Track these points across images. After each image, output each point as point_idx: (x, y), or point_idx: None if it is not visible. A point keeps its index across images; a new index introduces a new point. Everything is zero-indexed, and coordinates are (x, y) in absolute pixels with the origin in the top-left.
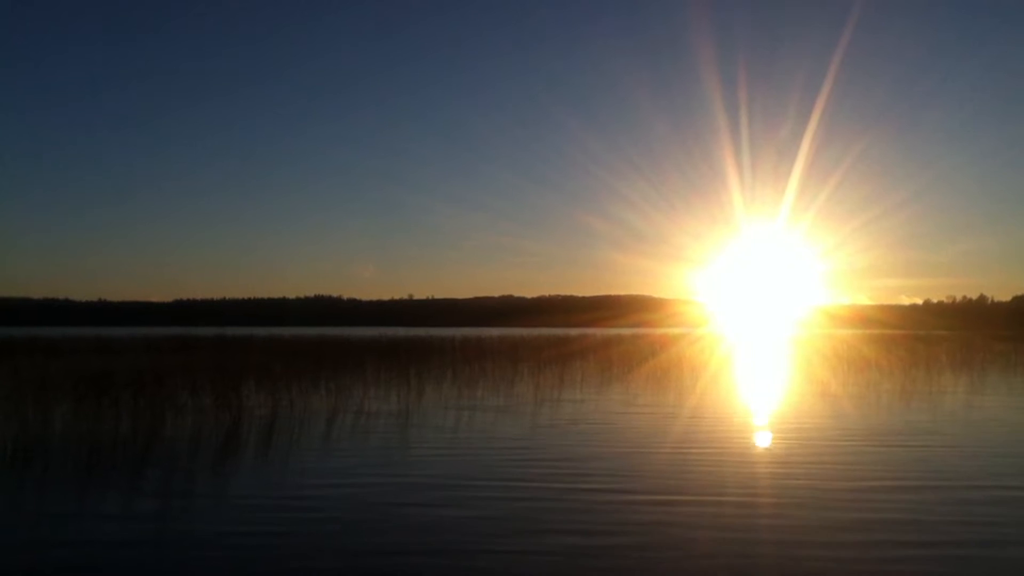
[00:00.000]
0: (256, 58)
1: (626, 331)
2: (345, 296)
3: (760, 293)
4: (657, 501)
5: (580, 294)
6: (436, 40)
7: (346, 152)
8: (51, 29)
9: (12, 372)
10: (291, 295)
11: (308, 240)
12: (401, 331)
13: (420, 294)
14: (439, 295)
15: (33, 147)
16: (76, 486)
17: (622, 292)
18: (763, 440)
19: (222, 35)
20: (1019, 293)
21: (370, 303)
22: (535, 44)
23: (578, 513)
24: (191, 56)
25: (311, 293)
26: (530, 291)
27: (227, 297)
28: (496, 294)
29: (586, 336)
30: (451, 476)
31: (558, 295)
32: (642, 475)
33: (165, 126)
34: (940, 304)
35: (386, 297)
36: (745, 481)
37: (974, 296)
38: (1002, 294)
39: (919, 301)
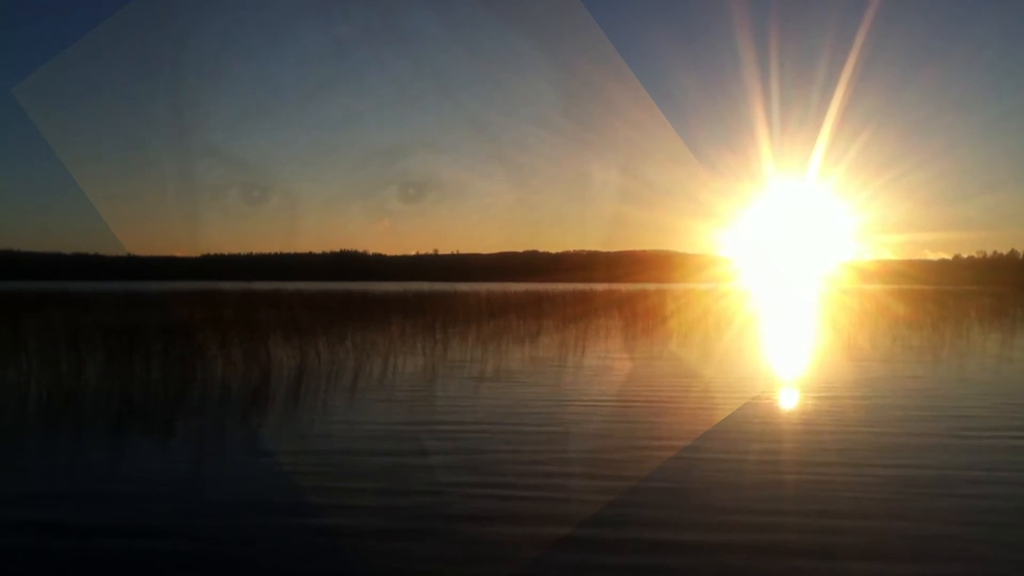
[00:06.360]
0: (278, 23)
1: (651, 287)
2: (371, 251)
3: (787, 249)
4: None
5: (604, 249)
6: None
7: (368, 112)
8: None
9: (45, 325)
10: (316, 250)
11: (334, 195)
12: (426, 286)
13: (445, 249)
14: (464, 250)
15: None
16: (109, 436)
17: (647, 248)
18: (793, 420)
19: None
20: None
21: (395, 258)
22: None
23: (585, 480)
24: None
25: (336, 248)
26: (555, 246)
27: (253, 252)
28: (520, 249)
29: (610, 291)
30: (470, 439)
31: (582, 251)
32: (654, 451)
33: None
34: (970, 259)
35: (411, 252)
36: (767, 478)
37: (1005, 251)
38: None
39: (948, 256)
